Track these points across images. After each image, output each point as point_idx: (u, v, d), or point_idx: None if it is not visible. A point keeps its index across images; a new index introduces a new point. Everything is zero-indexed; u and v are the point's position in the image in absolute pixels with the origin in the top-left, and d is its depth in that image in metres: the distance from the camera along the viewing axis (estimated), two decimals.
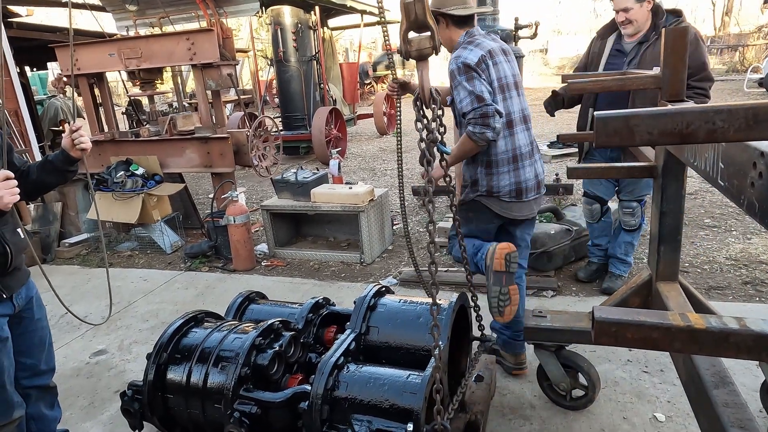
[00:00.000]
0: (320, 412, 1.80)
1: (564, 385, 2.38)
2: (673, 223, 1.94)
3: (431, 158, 1.63)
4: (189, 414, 2.05)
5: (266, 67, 12.35)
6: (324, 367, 1.88)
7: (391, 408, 1.76)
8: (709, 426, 1.32)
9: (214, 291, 4.19)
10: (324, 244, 5.04)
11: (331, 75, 10.81)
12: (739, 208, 5.13)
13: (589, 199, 3.62)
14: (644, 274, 2.17)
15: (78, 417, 2.71)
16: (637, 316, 0.98)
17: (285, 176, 4.79)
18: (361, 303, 2.19)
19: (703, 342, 0.93)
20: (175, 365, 2.08)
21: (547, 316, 2.26)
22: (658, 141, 0.86)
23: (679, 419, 2.34)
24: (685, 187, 1.92)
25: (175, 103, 12.43)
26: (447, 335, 1.96)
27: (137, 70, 5.26)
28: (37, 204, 5.63)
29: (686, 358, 1.46)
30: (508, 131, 2.38)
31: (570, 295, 3.63)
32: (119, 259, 5.13)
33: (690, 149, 1.24)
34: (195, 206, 6.02)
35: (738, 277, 3.68)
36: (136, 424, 2.17)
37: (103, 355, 3.31)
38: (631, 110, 0.88)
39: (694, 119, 0.83)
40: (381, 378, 1.84)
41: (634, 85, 1.99)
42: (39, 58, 10.00)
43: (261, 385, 1.98)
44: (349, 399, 1.82)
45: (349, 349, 2.02)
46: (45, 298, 4.23)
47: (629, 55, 3.14)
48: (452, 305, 2.06)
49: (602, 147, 0.73)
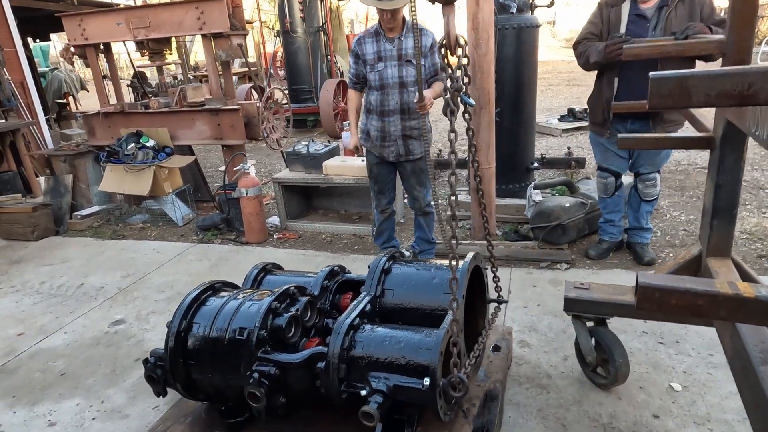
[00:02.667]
0: (337, 371, 1.81)
1: (590, 359, 2.38)
2: (728, 197, 1.88)
3: (455, 108, 1.58)
4: (210, 379, 2.08)
5: (271, 38, 12.16)
6: (340, 328, 1.88)
7: (408, 364, 1.77)
8: (754, 402, 1.32)
9: (227, 263, 4.22)
10: (335, 216, 5.04)
11: (338, 46, 10.64)
12: (754, 182, 5.07)
13: (604, 173, 3.58)
14: (693, 250, 2.11)
15: (101, 383, 2.76)
16: (682, 282, 0.97)
17: (297, 149, 4.76)
18: (376, 266, 2.18)
19: (751, 311, 0.92)
20: (195, 332, 2.10)
21: (589, 287, 2.24)
22: (716, 102, 0.84)
23: (695, 389, 2.36)
24: (745, 158, 1.84)
25: (180, 76, 12.31)
26: (462, 292, 1.95)
27: (146, 40, 5.18)
28: (48, 176, 5.63)
29: (734, 333, 1.44)
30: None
31: (584, 268, 3.63)
32: (131, 232, 5.16)
33: (752, 118, 1.20)
34: (205, 179, 6.01)
35: (753, 250, 3.67)
36: (159, 390, 2.21)
37: (122, 325, 3.35)
38: (688, 70, 0.85)
39: (757, 80, 0.80)
40: (397, 336, 1.85)
41: (695, 51, 1.92)
42: (42, 28, 9.86)
43: (279, 348, 1.99)
44: (366, 358, 1.83)
45: (364, 311, 2.02)
46: (61, 269, 4.31)
47: (652, 21, 3.07)
48: (467, 263, 2.05)
49: (656, 109, 0.70)
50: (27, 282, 4.13)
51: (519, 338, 2.84)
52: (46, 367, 2.96)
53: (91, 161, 5.59)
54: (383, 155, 3.45)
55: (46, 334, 3.31)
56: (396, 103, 3.31)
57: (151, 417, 2.44)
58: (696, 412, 2.23)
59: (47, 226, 5.13)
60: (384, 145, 3.41)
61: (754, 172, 5.28)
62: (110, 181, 5.17)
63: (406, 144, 3.40)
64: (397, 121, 3.34)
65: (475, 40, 3.55)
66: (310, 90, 9.60)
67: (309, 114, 9.56)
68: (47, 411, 2.58)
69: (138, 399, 2.61)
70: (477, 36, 3.54)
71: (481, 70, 3.62)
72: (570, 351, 2.64)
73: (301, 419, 2.06)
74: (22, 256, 4.67)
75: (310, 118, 9.62)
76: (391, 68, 3.27)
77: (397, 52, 3.26)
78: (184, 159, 5.29)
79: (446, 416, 1.79)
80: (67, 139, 6.33)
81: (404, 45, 3.26)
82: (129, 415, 2.51)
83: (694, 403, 2.28)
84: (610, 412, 2.27)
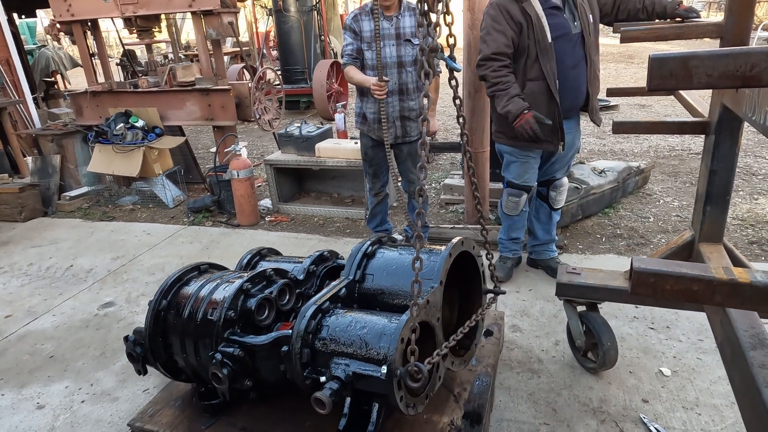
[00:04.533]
0: (300, 355, 1.73)
1: (579, 342, 2.40)
2: (722, 183, 1.88)
3: (429, 70, 1.44)
4: (185, 359, 2.05)
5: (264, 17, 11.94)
6: (306, 311, 1.80)
7: (369, 351, 1.67)
8: (742, 386, 1.32)
9: (219, 245, 4.18)
10: (328, 200, 5.00)
11: (332, 26, 10.47)
12: (746, 168, 5.07)
13: (517, 191, 3.11)
14: (686, 235, 2.11)
15: (90, 366, 2.74)
16: (677, 267, 0.96)
17: (289, 130, 4.69)
18: (358, 250, 2.09)
19: (746, 296, 0.91)
20: (173, 311, 2.07)
21: (581, 272, 2.23)
22: (718, 84, 0.81)
23: (685, 374, 2.38)
24: (740, 144, 1.83)
25: (171, 55, 12.09)
26: (441, 277, 1.84)
27: (134, 17, 5.06)
28: (36, 156, 5.54)
29: (724, 318, 1.44)
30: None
31: (576, 252, 3.63)
32: (121, 213, 5.10)
33: (749, 102, 1.18)
34: (196, 160, 5.94)
35: (744, 236, 3.68)
36: (139, 369, 2.19)
37: (111, 308, 3.32)
38: (690, 51, 0.82)
39: (760, 60, 0.77)
40: (362, 321, 1.76)
41: (693, 34, 1.90)
42: (27, 4, 9.61)
43: (250, 331, 1.93)
44: (330, 343, 1.74)
45: (338, 295, 1.93)
46: (50, 251, 4.25)
47: (565, 10, 2.78)
48: (451, 247, 1.94)
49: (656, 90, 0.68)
50: (15, 263, 4.07)
51: (511, 323, 2.85)
52: (35, 349, 2.93)
53: (79, 141, 5.49)
54: (381, 138, 3.38)
55: (34, 316, 3.27)
56: (394, 83, 3.22)
57: (141, 400, 2.43)
58: (685, 396, 2.24)
59: (35, 206, 5.06)
60: (381, 127, 3.34)
61: (747, 158, 5.29)
62: (99, 161, 5.09)
63: (404, 125, 3.34)
64: (395, 101, 3.26)
65: (471, 21, 3.49)
66: (303, 71, 9.46)
67: (302, 95, 9.43)
68: (36, 393, 2.56)
69: (128, 382, 2.59)
70: (473, 17, 3.47)
71: (477, 51, 3.55)
72: (562, 336, 2.65)
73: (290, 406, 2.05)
74: (10, 237, 4.61)
75: (303, 99, 9.50)
76: (390, 47, 3.19)
77: (395, 31, 3.19)
78: (174, 140, 5.21)
79: (409, 408, 1.64)
80: (55, 118, 6.21)
81: (402, 24, 3.19)
82: (119, 398, 2.49)
83: (683, 387, 2.30)
84: (600, 396, 2.28)
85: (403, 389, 1.60)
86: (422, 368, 1.53)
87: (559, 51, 2.75)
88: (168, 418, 2.05)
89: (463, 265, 2.12)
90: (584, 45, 2.81)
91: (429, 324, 1.76)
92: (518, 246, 3.39)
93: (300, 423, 1.95)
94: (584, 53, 2.82)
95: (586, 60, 2.84)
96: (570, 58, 2.80)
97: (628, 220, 4.08)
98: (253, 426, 1.97)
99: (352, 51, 3.26)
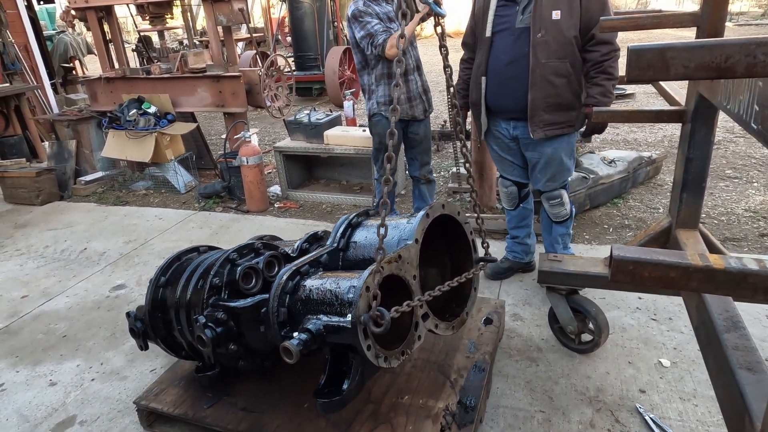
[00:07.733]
0: (277, 314, 1.78)
1: (572, 328, 2.42)
2: (698, 170, 1.91)
3: (407, 10, 1.43)
4: (180, 331, 2.11)
5: (278, 3, 11.92)
6: (284, 272, 1.85)
7: (338, 305, 1.70)
8: (717, 367, 1.34)
9: (228, 231, 4.25)
10: (336, 187, 5.03)
11: (344, 13, 10.42)
12: (763, 159, 4.97)
13: (505, 181, 3.06)
14: (664, 222, 2.15)
15: (101, 346, 2.83)
16: (655, 255, 0.97)
17: (298, 117, 4.72)
18: (344, 220, 2.13)
19: (720, 282, 0.92)
20: (170, 287, 2.14)
21: (562, 260, 2.26)
22: (695, 75, 0.81)
23: (684, 365, 2.38)
24: (715, 132, 1.86)
25: (186, 41, 12.16)
26: (416, 236, 1.85)
27: (146, 4, 5.10)
28: (52, 141, 5.65)
29: (699, 302, 1.46)
30: None
31: (582, 243, 3.62)
32: (134, 198, 5.20)
33: (724, 91, 1.19)
34: (208, 146, 6.01)
35: (755, 229, 3.62)
36: (141, 344, 2.27)
37: (123, 290, 3.41)
38: (667, 42, 0.83)
39: (734, 52, 0.78)
40: (337, 280, 1.79)
41: (670, 23, 1.90)
42: None
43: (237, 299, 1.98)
44: (306, 301, 1.79)
45: (319, 260, 1.96)
46: (65, 234, 4.37)
47: (521, 3, 2.59)
48: (429, 208, 1.95)
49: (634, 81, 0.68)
50: (31, 246, 4.19)
51: (512, 311, 2.86)
52: (49, 329, 3.03)
53: (94, 127, 5.59)
54: (414, 115, 3.43)
55: (49, 297, 3.38)
56: (413, 59, 3.38)
57: (148, 379, 2.50)
58: (683, 388, 2.25)
59: (51, 190, 5.18)
60: (412, 105, 3.41)
61: (765, 150, 5.18)
62: (113, 147, 5.18)
63: (427, 98, 3.49)
64: (417, 77, 3.41)
65: None
66: (316, 57, 9.46)
67: (314, 82, 9.44)
68: (48, 371, 2.66)
69: (136, 362, 2.67)
70: None
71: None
72: None
73: (290, 388, 2.10)
74: (28, 221, 4.74)
75: (316, 86, 9.51)
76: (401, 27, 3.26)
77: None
78: (186, 126, 5.27)
79: (379, 359, 1.64)
80: (71, 104, 6.33)
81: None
82: (127, 377, 2.58)
83: (681, 379, 2.30)
84: (597, 385, 2.29)
85: (371, 338, 1.62)
86: (384, 312, 1.55)
87: (497, 45, 2.66)
88: (172, 397, 2.13)
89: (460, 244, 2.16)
90: (529, 41, 2.55)
91: (405, 282, 1.77)
92: (519, 249, 3.20)
93: (299, 404, 2.02)
94: (528, 51, 2.56)
95: (529, 58, 2.58)
96: (506, 54, 2.64)
97: (637, 210, 4.05)
98: (253, 406, 2.03)
99: (382, 26, 3.20)
